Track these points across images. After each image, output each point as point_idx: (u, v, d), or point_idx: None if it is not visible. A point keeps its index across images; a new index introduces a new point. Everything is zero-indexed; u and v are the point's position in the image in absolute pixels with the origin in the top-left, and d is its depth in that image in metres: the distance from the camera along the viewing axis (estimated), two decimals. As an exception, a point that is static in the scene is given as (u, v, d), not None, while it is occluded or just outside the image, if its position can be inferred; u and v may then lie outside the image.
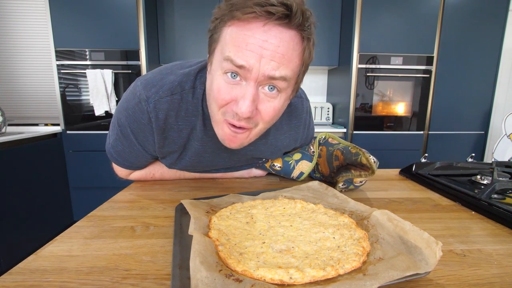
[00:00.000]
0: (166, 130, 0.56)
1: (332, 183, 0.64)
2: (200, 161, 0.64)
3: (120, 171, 0.66)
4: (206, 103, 0.54)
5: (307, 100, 0.68)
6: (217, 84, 0.45)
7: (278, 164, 0.69)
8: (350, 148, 0.60)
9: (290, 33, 0.42)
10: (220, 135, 0.51)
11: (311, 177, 0.70)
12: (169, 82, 0.53)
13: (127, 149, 0.59)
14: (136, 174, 0.67)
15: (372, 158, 0.56)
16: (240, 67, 0.42)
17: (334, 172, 0.64)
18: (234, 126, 0.47)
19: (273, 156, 0.69)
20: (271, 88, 0.45)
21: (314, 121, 0.75)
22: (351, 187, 0.60)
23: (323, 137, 0.69)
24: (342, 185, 0.60)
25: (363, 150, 0.57)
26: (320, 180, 0.66)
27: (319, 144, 0.68)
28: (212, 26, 0.45)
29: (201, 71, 0.56)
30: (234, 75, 0.44)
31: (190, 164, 0.64)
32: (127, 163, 0.63)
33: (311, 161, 0.67)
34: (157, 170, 0.68)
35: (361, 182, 0.59)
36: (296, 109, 0.64)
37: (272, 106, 0.47)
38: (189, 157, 0.62)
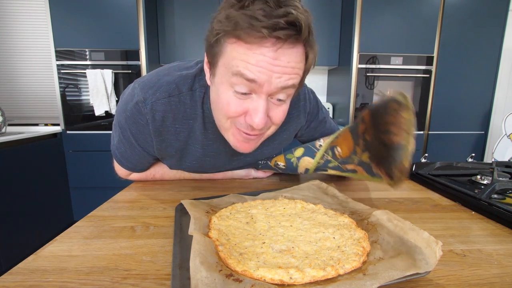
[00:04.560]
0: (163, 132, 0.55)
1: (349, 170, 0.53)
2: (201, 165, 0.64)
3: (121, 171, 0.66)
4: (207, 106, 0.54)
5: (305, 86, 0.66)
6: (226, 98, 0.45)
7: (281, 163, 0.66)
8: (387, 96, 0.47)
9: (297, 49, 0.42)
10: (231, 142, 0.52)
11: (324, 170, 0.62)
12: (166, 84, 0.53)
13: (129, 150, 0.59)
14: (136, 175, 0.67)
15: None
16: (251, 81, 0.41)
17: (357, 146, 0.52)
18: (247, 134, 0.49)
19: (274, 152, 0.68)
20: (280, 98, 0.46)
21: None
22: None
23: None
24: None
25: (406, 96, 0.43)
26: (341, 171, 0.58)
27: (338, 135, 0.59)
28: (213, 39, 0.43)
29: (200, 73, 0.55)
30: (244, 93, 0.44)
31: (191, 168, 0.64)
32: (130, 165, 0.63)
33: (313, 157, 0.62)
34: (158, 171, 0.68)
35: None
36: (292, 100, 0.63)
37: (281, 110, 0.48)
38: (189, 161, 0.62)
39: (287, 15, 0.38)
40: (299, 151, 0.64)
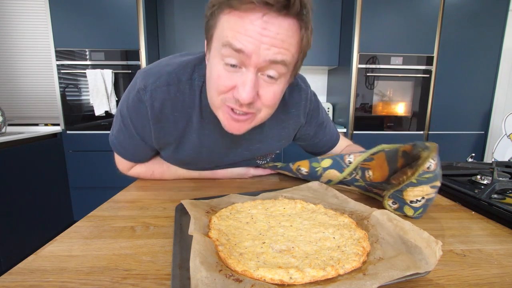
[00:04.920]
0: (161, 120, 0.56)
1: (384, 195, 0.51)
2: (198, 156, 0.64)
3: (122, 164, 0.66)
4: (205, 95, 0.54)
5: (307, 86, 0.66)
6: (217, 71, 0.45)
7: (304, 169, 0.65)
8: (426, 143, 0.47)
9: (289, 21, 0.41)
10: (222, 120, 0.51)
11: (346, 185, 0.61)
12: (166, 73, 0.54)
13: (128, 139, 0.60)
14: (136, 170, 0.67)
15: (433, 160, 0.43)
16: (239, 51, 0.41)
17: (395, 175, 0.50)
18: (235, 112, 0.48)
19: (271, 149, 0.68)
20: (270, 74, 0.45)
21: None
22: (407, 209, 0.46)
23: (380, 149, 0.56)
24: (392, 203, 0.48)
25: (437, 148, 0.44)
26: (365, 190, 0.58)
27: (373, 154, 0.57)
28: (209, 12, 0.44)
29: (200, 63, 0.56)
30: (234, 65, 0.43)
31: (188, 159, 0.64)
32: (129, 155, 0.63)
33: (341, 172, 0.59)
34: (157, 168, 0.68)
35: (417, 199, 0.45)
36: (293, 97, 0.63)
37: (272, 90, 0.47)
38: (186, 151, 0.62)
39: None
40: (326, 162, 0.62)
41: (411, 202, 0.46)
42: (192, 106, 0.56)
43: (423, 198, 0.45)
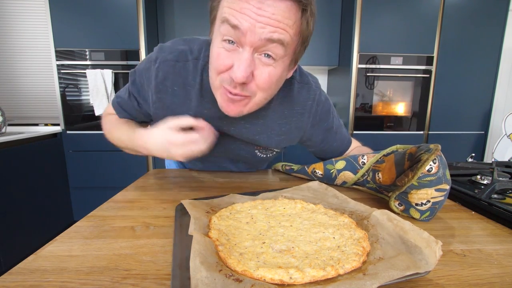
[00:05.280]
0: (161, 91, 0.58)
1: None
2: None
3: (106, 110, 0.71)
4: (207, 74, 0.56)
5: (318, 88, 0.65)
6: (216, 51, 0.46)
7: (319, 172, 0.66)
8: (431, 145, 0.47)
9: (286, 3, 0.41)
10: (219, 101, 0.52)
11: (359, 185, 0.62)
12: (177, 50, 0.57)
13: (127, 98, 0.65)
14: (107, 116, 0.70)
15: (433, 163, 0.43)
16: (235, 27, 0.42)
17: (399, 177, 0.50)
18: (230, 93, 0.48)
19: (270, 142, 0.66)
20: (267, 55, 0.45)
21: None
22: (413, 212, 0.46)
23: (394, 150, 0.57)
24: (398, 205, 0.48)
25: (439, 150, 0.44)
26: (376, 191, 0.58)
27: (385, 155, 0.57)
28: None
29: (209, 44, 0.56)
30: (231, 41, 0.44)
31: None
32: (119, 109, 0.67)
33: (355, 173, 0.60)
34: (114, 125, 0.68)
35: (423, 202, 0.45)
36: (300, 95, 0.62)
37: (267, 71, 0.46)
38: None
39: None
40: (340, 164, 0.63)
41: (417, 204, 0.45)
42: (192, 84, 0.58)
43: (428, 201, 0.44)
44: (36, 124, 2.21)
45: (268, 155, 0.72)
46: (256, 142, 0.66)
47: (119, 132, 0.65)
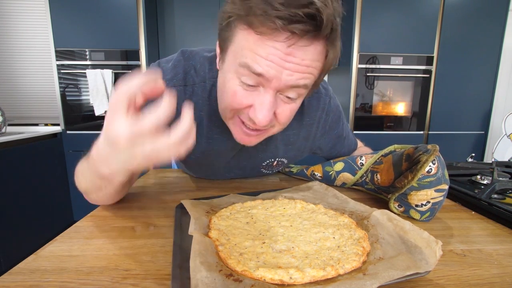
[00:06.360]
0: (175, 117, 0.55)
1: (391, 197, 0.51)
2: (207, 159, 0.61)
3: None
4: (214, 98, 0.52)
5: (328, 96, 0.62)
6: (232, 88, 0.42)
7: (318, 174, 0.66)
8: (428, 146, 0.47)
9: (316, 45, 0.38)
10: (232, 131, 0.49)
11: (358, 186, 0.62)
12: (183, 72, 0.53)
13: None
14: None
15: (433, 164, 0.43)
16: (259, 75, 0.38)
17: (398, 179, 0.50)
18: (247, 127, 0.46)
19: (287, 155, 0.65)
20: (289, 95, 0.42)
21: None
22: (413, 213, 0.46)
23: (392, 150, 0.57)
24: (398, 206, 0.48)
25: (437, 151, 0.44)
26: (375, 192, 0.58)
27: (384, 156, 0.58)
28: (224, 22, 0.40)
29: (211, 64, 0.54)
30: (250, 85, 0.40)
31: (196, 162, 0.63)
32: None
33: (354, 175, 0.61)
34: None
35: (422, 203, 0.45)
36: (311, 105, 0.60)
37: (289, 109, 0.44)
38: (194, 154, 0.60)
39: (308, 6, 0.33)
40: (339, 165, 0.63)
41: (416, 206, 0.45)
42: (203, 109, 0.54)
43: (428, 202, 0.44)
44: (36, 124, 2.21)
45: (274, 171, 0.72)
46: (267, 157, 0.65)
47: (81, 167, 0.44)
